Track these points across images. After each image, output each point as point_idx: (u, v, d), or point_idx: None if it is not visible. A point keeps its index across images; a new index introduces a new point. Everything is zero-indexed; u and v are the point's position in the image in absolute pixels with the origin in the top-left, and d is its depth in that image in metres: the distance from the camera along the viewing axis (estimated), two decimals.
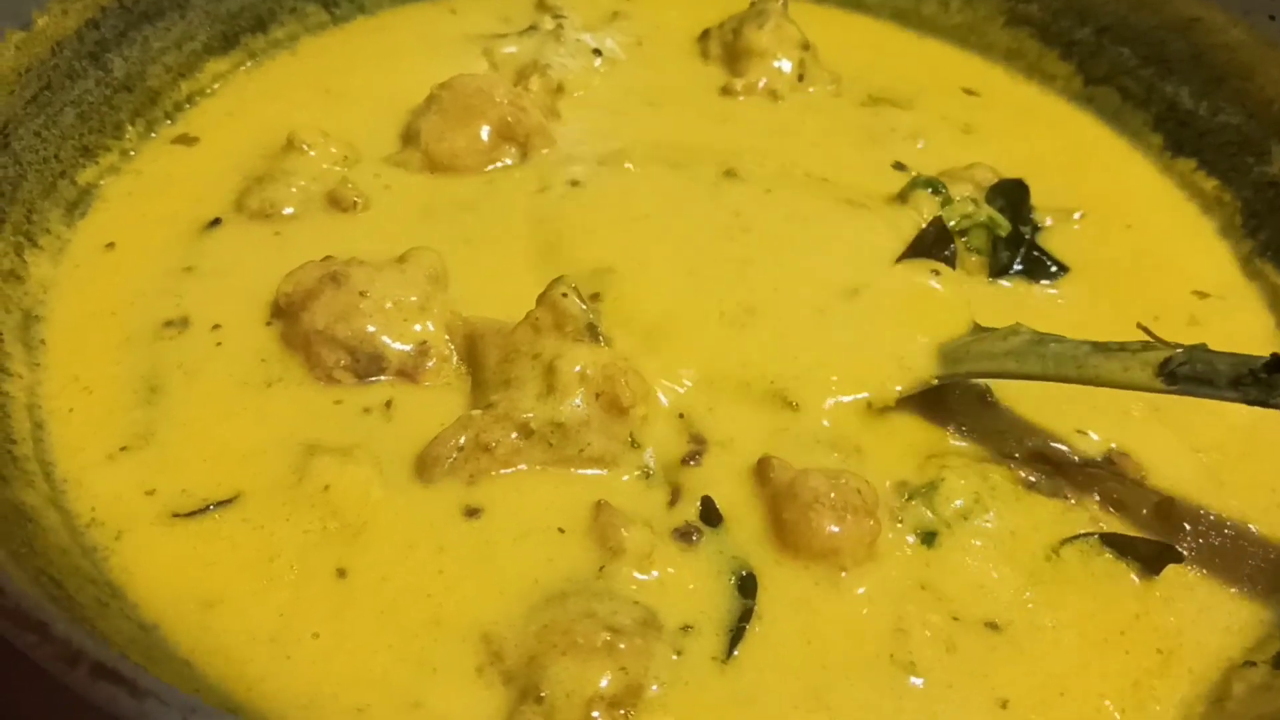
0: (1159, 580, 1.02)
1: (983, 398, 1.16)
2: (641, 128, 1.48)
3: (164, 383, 1.09)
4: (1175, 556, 1.03)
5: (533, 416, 1.02)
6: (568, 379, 1.02)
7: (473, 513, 1.00)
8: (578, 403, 1.02)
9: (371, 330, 1.09)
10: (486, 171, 1.37)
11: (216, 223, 1.27)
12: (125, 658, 0.72)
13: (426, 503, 1.00)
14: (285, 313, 1.13)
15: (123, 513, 0.98)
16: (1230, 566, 1.04)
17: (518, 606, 0.92)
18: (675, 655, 0.91)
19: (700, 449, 1.06)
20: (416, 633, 0.91)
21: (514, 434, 1.01)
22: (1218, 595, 1.02)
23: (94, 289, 1.19)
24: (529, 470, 1.03)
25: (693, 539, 0.99)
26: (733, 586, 0.97)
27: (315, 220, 1.28)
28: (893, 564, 1.00)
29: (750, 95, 1.57)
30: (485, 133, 1.36)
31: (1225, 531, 1.07)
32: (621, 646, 0.87)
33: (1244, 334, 1.29)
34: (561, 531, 0.99)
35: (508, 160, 1.38)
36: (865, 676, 0.92)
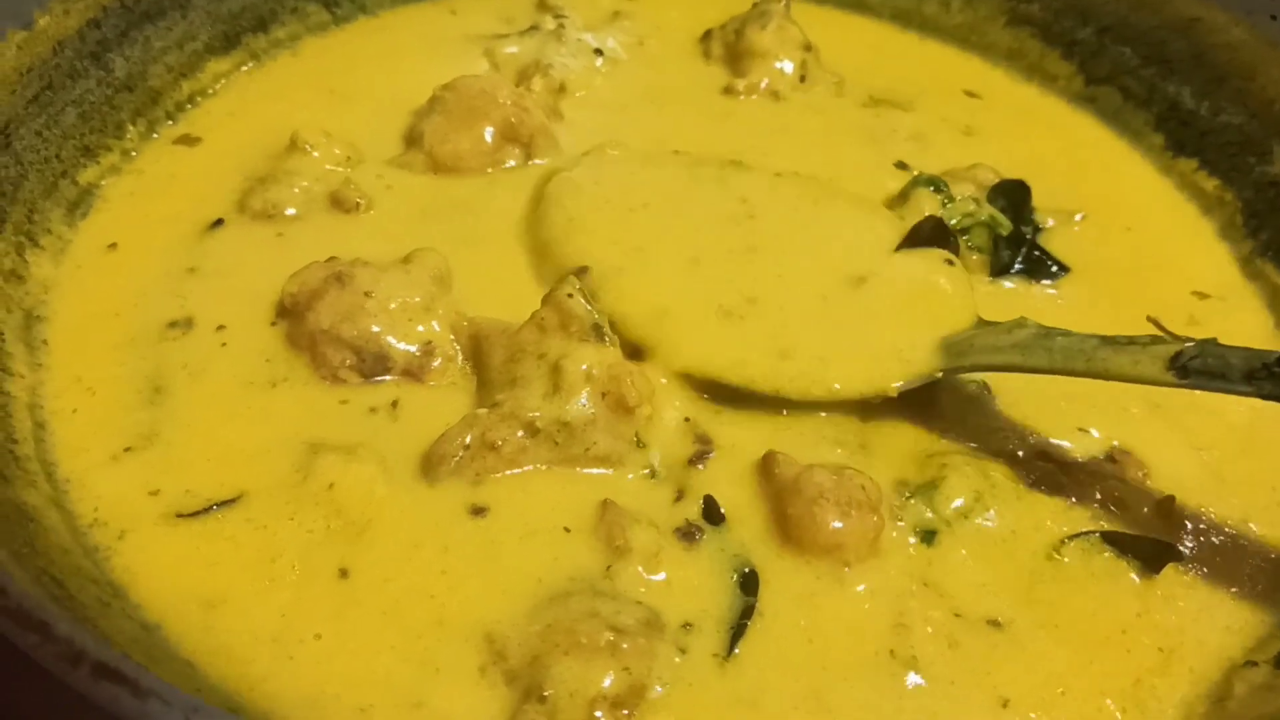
0: (1159, 579, 1.02)
1: (983, 395, 1.16)
2: (644, 127, 1.48)
3: (168, 383, 1.09)
4: (1175, 555, 1.03)
5: (539, 415, 1.02)
6: (573, 378, 1.02)
7: (478, 511, 1.00)
8: (583, 402, 1.02)
9: (376, 330, 1.09)
10: (490, 173, 1.37)
11: (219, 223, 1.27)
12: (127, 658, 0.72)
13: (431, 502, 1.00)
14: (290, 313, 1.13)
15: (126, 513, 0.98)
16: (1231, 565, 1.04)
17: (521, 606, 0.92)
18: (678, 655, 0.91)
19: (706, 449, 1.07)
20: (420, 633, 0.91)
21: (520, 433, 1.02)
22: (1219, 594, 1.02)
23: (97, 290, 1.19)
24: (534, 470, 1.03)
25: (695, 538, 1.00)
26: (735, 584, 0.97)
27: (318, 221, 1.28)
28: (895, 561, 1.00)
29: (752, 95, 1.57)
30: (489, 134, 1.36)
31: (1226, 530, 1.07)
32: (625, 646, 0.87)
33: (1244, 334, 1.29)
34: (567, 531, 0.99)
35: (512, 162, 1.38)
36: (866, 674, 0.92)
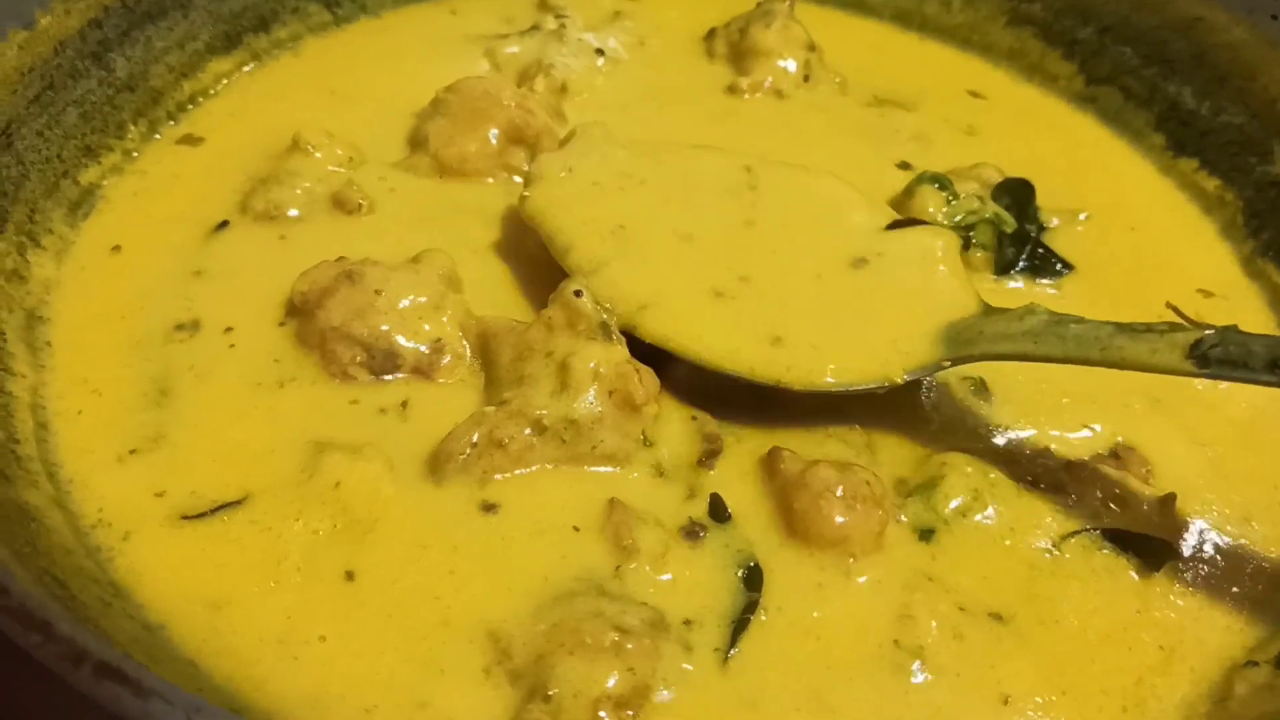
0: (1160, 577, 1.02)
1: (984, 394, 1.16)
2: (647, 126, 1.48)
3: (174, 385, 1.09)
4: (1174, 554, 1.03)
5: (546, 413, 1.02)
6: (581, 376, 1.02)
7: (489, 508, 1.00)
8: (590, 400, 1.02)
9: (386, 328, 1.09)
10: (495, 176, 1.36)
11: (224, 225, 1.27)
12: (129, 657, 0.72)
13: (438, 501, 1.00)
14: (300, 311, 1.13)
15: (131, 514, 0.98)
16: (1232, 564, 1.05)
17: (526, 605, 0.93)
18: (683, 655, 0.91)
19: (714, 448, 1.07)
20: (424, 633, 0.91)
21: (527, 430, 1.02)
22: (1219, 593, 1.02)
23: (101, 291, 1.19)
24: (541, 469, 1.03)
25: (699, 536, 1.00)
26: (739, 580, 0.97)
27: (321, 223, 1.27)
28: (899, 555, 1.01)
29: (756, 94, 1.57)
30: (494, 136, 1.35)
31: (1227, 528, 1.07)
32: (629, 647, 0.87)
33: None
34: (576, 530, 0.99)
35: (517, 163, 1.37)
36: (870, 671, 0.92)
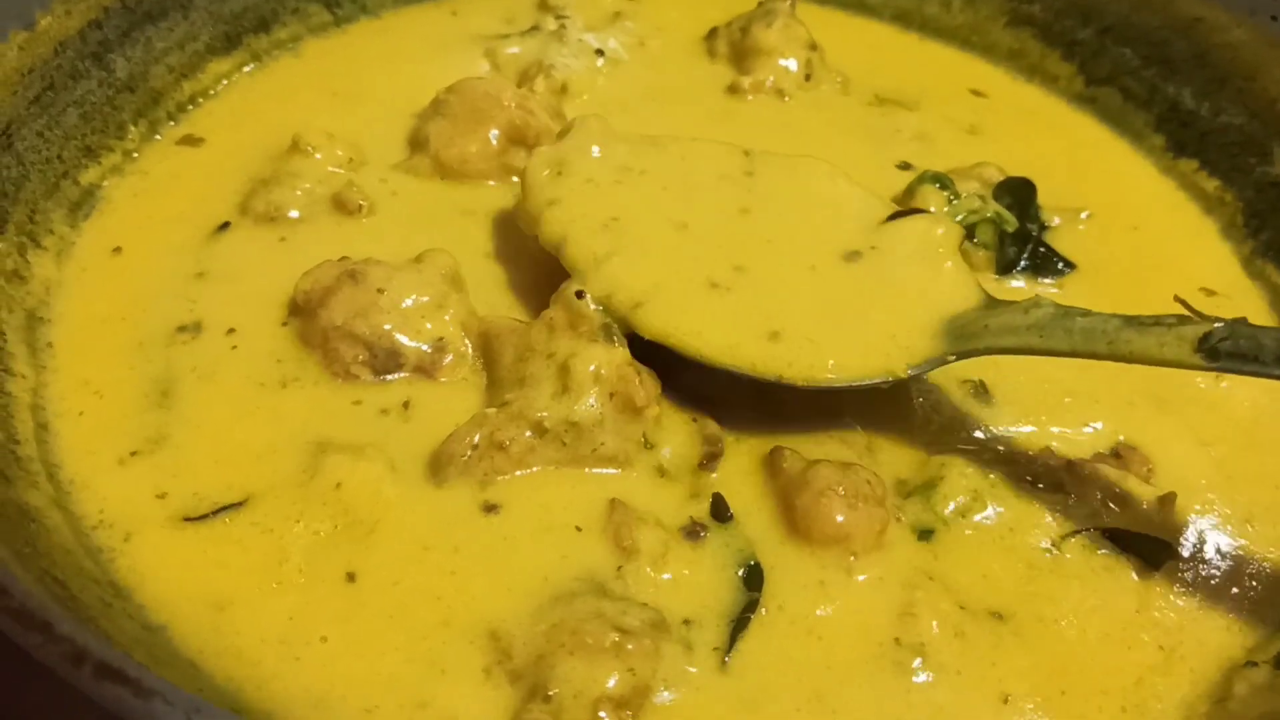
0: (1159, 576, 1.02)
1: (984, 394, 1.16)
2: (648, 127, 1.45)
3: (177, 387, 1.09)
4: (1173, 554, 1.03)
5: (547, 415, 1.02)
6: (582, 378, 1.02)
7: (490, 509, 1.00)
8: (592, 402, 1.02)
9: (389, 327, 1.09)
10: (495, 175, 1.36)
11: (225, 226, 1.27)
12: (130, 658, 0.72)
13: (439, 502, 1.00)
14: (303, 310, 1.13)
15: (132, 515, 0.98)
16: (1232, 564, 1.05)
17: (527, 605, 0.93)
18: (683, 655, 0.91)
19: (715, 450, 1.07)
20: (425, 634, 0.91)
21: (528, 432, 1.02)
22: (1219, 593, 1.02)
23: (103, 293, 1.19)
24: (542, 470, 1.03)
25: (700, 535, 1.00)
26: (739, 579, 0.97)
27: (322, 224, 1.27)
28: (900, 554, 1.01)
29: (757, 94, 1.57)
30: (494, 137, 1.35)
31: (1228, 528, 1.07)
32: (630, 647, 0.87)
33: None
34: (579, 530, 0.99)
35: (518, 164, 1.36)
36: (871, 671, 0.93)
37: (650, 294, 1.09)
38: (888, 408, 1.13)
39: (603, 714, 0.84)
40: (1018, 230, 1.33)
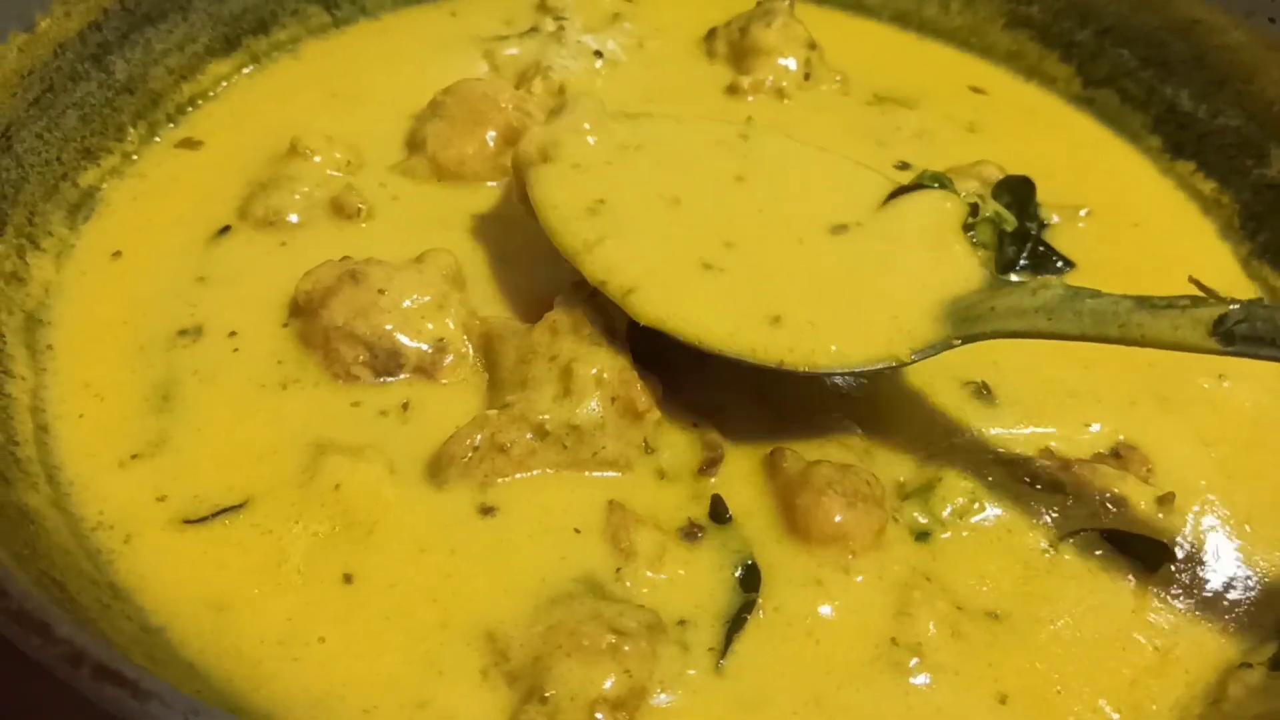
0: (1156, 578, 1.02)
1: (986, 394, 1.16)
2: None
3: (177, 390, 1.09)
4: (1170, 556, 1.03)
5: (548, 418, 1.02)
6: (584, 382, 1.02)
7: (487, 511, 1.00)
8: (593, 406, 1.02)
9: (389, 328, 1.10)
10: (492, 177, 1.36)
11: (226, 230, 1.27)
12: (128, 659, 0.72)
13: (438, 504, 1.00)
14: (304, 310, 1.13)
15: (132, 518, 0.98)
16: (1230, 566, 1.05)
17: (524, 606, 0.93)
18: (680, 657, 0.92)
19: (715, 456, 1.06)
20: (423, 636, 0.91)
21: (529, 435, 1.02)
22: (1216, 594, 1.03)
23: (103, 296, 1.19)
24: (542, 473, 1.03)
25: (697, 536, 1.00)
26: (735, 580, 0.98)
27: (322, 228, 1.27)
28: (897, 554, 1.01)
29: (757, 94, 1.57)
30: (491, 138, 1.35)
31: (1228, 529, 1.07)
32: (626, 649, 0.87)
33: None
34: (577, 532, 0.99)
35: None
36: (868, 667, 0.93)
37: (643, 278, 1.06)
38: (887, 410, 1.13)
39: (599, 716, 0.84)
40: (1017, 229, 1.33)
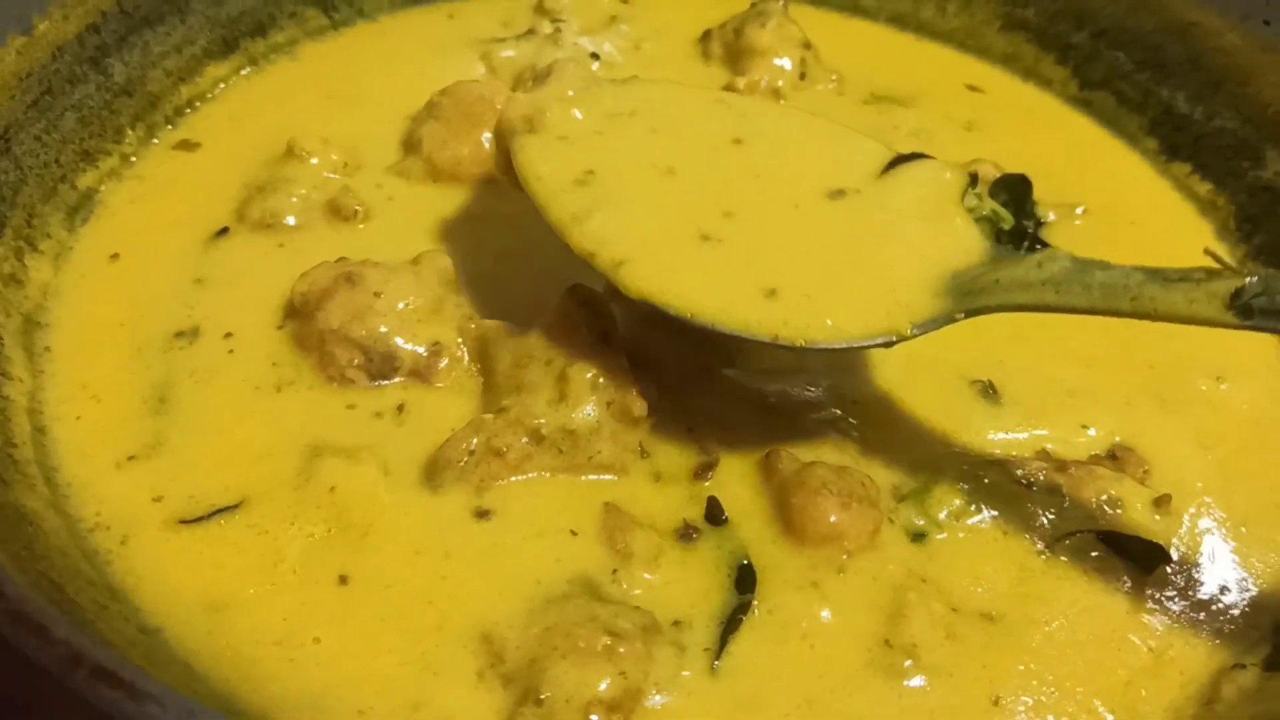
0: (1152, 579, 1.02)
1: (990, 390, 1.16)
2: None
3: (174, 392, 1.10)
4: (1166, 558, 1.03)
5: (544, 423, 1.02)
6: (580, 387, 1.02)
7: (482, 514, 1.00)
8: (589, 410, 1.02)
9: (385, 331, 1.09)
10: (489, 179, 1.35)
11: (224, 232, 1.27)
12: (125, 660, 0.73)
13: (433, 507, 1.01)
14: (300, 312, 1.13)
15: (129, 518, 0.99)
16: (1224, 568, 1.05)
17: (520, 608, 0.93)
18: (675, 659, 0.92)
19: (710, 460, 1.07)
20: (419, 637, 0.92)
21: (525, 439, 1.02)
22: (1211, 596, 1.03)
23: (101, 298, 1.19)
24: (538, 476, 1.03)
25: (693, 538, 1.01)
26: (730, 581, 0.98)
27: (319, 230, 1.27)
28: (892, 555, 1.01)
29: (753, 94, 1.57)
30: (487, 140, 1.34)
31: (1224, 531, 1.08)
32: (621, 651, 0.87)
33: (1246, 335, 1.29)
34: (574, 534, 1.00)
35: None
36: (862, 669, 0.93)
37: (635, 251, 1.02)
38: (883, 412, 1.13)
39: (594, 717, 0.84)
40: (1014, 227, 1.33)
